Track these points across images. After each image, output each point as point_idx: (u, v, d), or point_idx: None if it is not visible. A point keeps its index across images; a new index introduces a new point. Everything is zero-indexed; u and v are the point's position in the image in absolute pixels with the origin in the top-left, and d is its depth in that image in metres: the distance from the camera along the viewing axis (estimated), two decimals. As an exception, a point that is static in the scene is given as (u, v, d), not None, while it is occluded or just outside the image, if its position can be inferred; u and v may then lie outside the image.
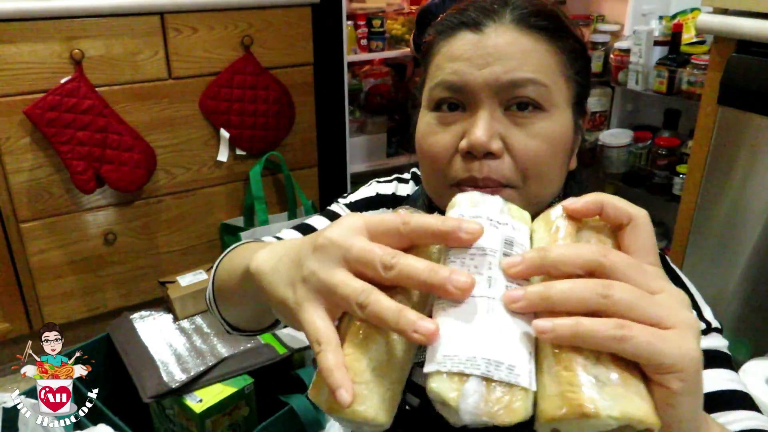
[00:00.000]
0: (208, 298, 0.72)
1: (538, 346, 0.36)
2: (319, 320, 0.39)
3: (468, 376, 0.33)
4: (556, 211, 0.41)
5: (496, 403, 0.33)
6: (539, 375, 0.34)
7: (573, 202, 0.39)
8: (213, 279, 0.71)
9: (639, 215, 0.39)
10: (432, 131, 0.63)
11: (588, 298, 0.34)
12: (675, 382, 0.34)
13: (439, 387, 0.33)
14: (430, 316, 0.37)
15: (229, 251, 0.70)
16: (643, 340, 0.33)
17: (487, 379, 0.33)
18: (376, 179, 0.85)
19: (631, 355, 0.34)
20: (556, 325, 0.34)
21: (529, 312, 0.36)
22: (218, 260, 0.71)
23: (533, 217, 0.43)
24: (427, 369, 0.34)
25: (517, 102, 0.59)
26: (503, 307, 0.35)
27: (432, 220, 0.38)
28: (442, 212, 0.43)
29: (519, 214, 0.43)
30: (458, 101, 0.61)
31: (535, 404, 0.34)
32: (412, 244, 0.40)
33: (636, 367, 0.35)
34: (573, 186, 0.69)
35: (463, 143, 0.59)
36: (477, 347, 0.33)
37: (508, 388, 0.33)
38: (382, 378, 0.37)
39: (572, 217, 0.40)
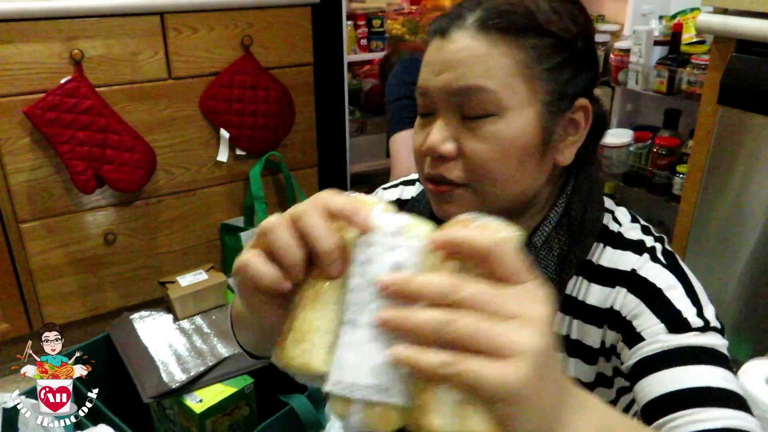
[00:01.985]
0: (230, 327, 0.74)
1: None
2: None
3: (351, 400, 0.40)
4: None
5: (375, 417, 0.39)
6: (424, 392, 0.37)
7: (440, 237, 0.38)
8: (231, 307, 0.71)
9: (492, 247, 0.36)
10: (415, 132, 0.69)
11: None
12: (500, 410, 0.34)
13: (332, 406, 0.41)
14: None
15: None
16: (485, 373, 0.33)
17: (367, 402, 0.39)
18: (382, 186, 0.88)
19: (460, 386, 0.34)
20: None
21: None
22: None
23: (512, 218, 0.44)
24: (324, 389, 0.41)
25: (468, 107, 0.63)
26: (384, 335, 0.39)
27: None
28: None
29: (419, 233, 0.41)
30: (427, 107, 0.66)
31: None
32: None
33: None
34: (579, 184, 0.70)
35: (423, 146, 0.65)
36: (358, 374, 0.40)
37: (384, 405, 0.39)
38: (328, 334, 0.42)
39: None
